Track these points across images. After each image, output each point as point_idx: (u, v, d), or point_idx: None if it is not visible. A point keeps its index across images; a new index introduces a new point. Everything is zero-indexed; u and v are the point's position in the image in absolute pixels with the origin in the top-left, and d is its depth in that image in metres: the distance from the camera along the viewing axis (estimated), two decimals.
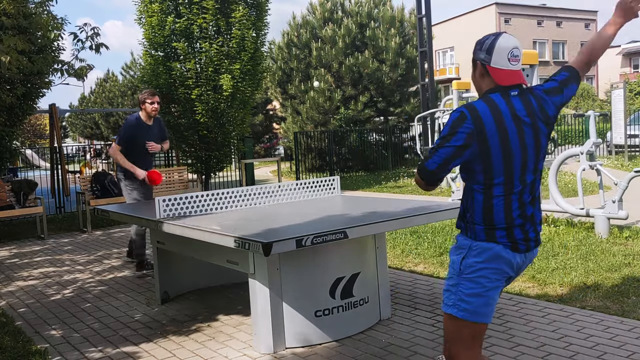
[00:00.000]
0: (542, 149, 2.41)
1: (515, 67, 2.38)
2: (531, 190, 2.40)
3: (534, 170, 2.40)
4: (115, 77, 39.03)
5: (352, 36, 18.76)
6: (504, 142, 2.30)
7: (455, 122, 2.31)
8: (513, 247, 2.36)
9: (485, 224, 2.36)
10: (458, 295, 2.38)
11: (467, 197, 2.44)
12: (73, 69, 7.44)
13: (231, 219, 4.08)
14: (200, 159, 10.90)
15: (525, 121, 2.35)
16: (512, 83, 2.37)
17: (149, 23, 10.21)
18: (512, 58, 2.37)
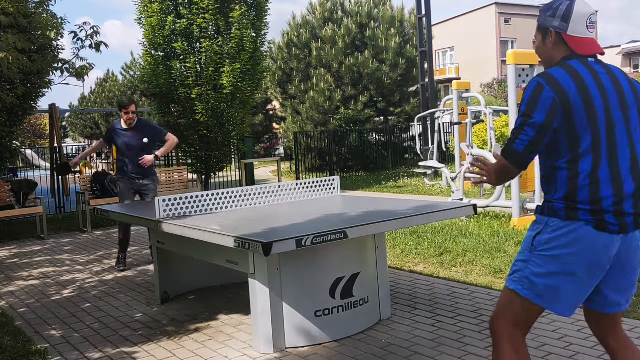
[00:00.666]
0: (632, 121, 2.19)
1: (592, 34, 2.22)
2: (632, 164, 2.16)
3: (630, 145, 2.17)
4: (115, 77, 39.03)
5: (352, 36, 18.77)
6: (590, 114, 2.11)
7: (533, 93, 2.13)
8: (599, 225, 2.11)
9: (567, 200, 2.15)
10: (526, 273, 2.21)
11: (549, 176, 2.22)
12: (73, 68, 7.44)
13: (231, 219, 4.08)
14: (200, 159, 10.90)
15: (611, 89, 2.16)
16: (593, 52, 2.21)
17: (149, 23, 10.22)
18: (590, 25, 2.20)
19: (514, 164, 2.21)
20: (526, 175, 7.40)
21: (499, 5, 45.76)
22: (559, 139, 2.14)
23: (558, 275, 2.15)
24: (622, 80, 2.20)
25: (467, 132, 9.21)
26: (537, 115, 2.12)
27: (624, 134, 2.16)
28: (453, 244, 6.38)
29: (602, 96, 2.13)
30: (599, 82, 2.15)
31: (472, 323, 3.98)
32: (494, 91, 36.79)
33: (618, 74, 2.22)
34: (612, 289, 2.25)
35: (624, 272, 2.22)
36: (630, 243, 2.18)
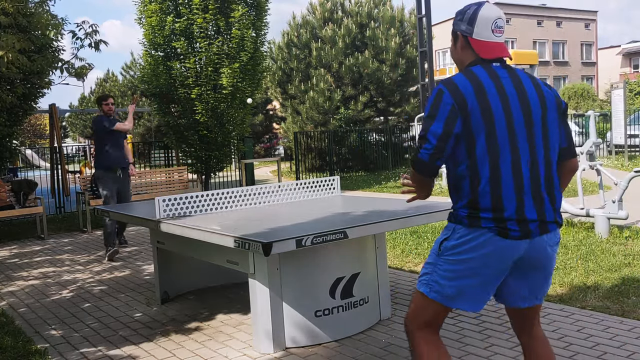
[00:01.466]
0: (534, 127, 2.16)
1: (499, 38, 2.23)
2: (531, 170, 2.15)
3: (531, 148, 2.15)
4: (115, 77, 39.02)
5: (352, 36, 18.76)
6: (487, 118, 2.10)
7: (434, 100, 2.14)
8: (502, 232, 2.13)
9: (470, 208, 2.17)
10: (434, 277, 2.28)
11: (454, 183, 2.25)
12: (73, 68, 7.44)
13: (231, 219, 4.08)
14: (200, 159, 10.90)
15: (513, 93, 2.16)
16: (496, 56, 2.22)
17: (149, 23, 10.22)
18: (496, 29, 2.21)
19: (423, 174, 2.22)
20: None
21: (499, 5, 45.69)
22: (460, 144, 2.15)
23: (462, 279, 2.21)
24: (527, 85, 2.20)
25: None
26: (437, 123, 2.12)
27: (524, 139, 2.14)
28: None
29: (501, 100, 2.13)
30: (499, 86, 2.15)
31: (472, 323, 3.98)
32: None
33: (523, 78, 2.22)
34: (523, 286, 2.29)
35: (534, 271, 2.27)
36: (537, 245, 2.20)
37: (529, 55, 7.42)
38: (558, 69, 48.62)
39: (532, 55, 7.70)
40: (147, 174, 10.59)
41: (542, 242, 2.20)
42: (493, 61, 2.23)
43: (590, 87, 40.61)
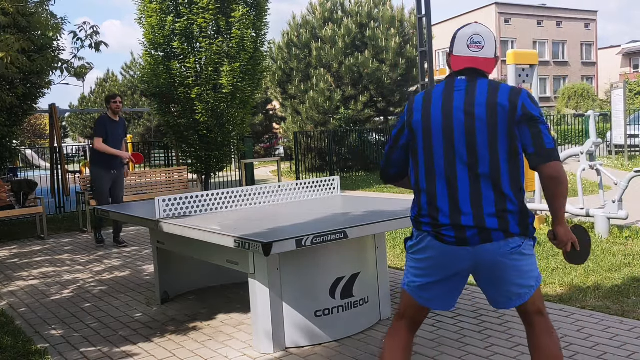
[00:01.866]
0: (478, 137, 2.23)
1: (475, 53, 2.32)
2: (469, 181, 2.25)
3: (468, 161, 2.24)
4: (115, 77, 39.02)
5: (352, 36, 18.76)
6: (425, 129, 2.32)
7: (402, 112, 2.46)
8: (438, 237, 2.30)
9: (416, 212, 2.43)
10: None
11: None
12: (73, 68, 7.44)
13: (231, 219, 4.08)
14: (200, 159, 10.90)
15: (460, 107, 2.25)
16: (463, 67, 2.32)
17: (149, 23, 10.21)
18: (472, 44, 2.31)
19: (383, 179, 2.67)
20: (526, 175, 7.39)
21: (499, 5, 45.75)
22: (408, 154, 2.44)
23: (422, 277, 2.39)
24: (480, 97, 2.24)
25: None
26: (392, 132, 2.49)
27: (463, 150, 2.24)
28: None
29: (443, 114, 2.27)
30: (447, 100, 2.28)
31: (472, 323, 3.98)
32: None
33: (481, 90, 2.25)
34: (493, 291, 2.39)
35: (495, 280, 2.34)
36: (483, 253, 2.26)
37: (529, 55, 7.38)
38: (558, 69, 48.62)
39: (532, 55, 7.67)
40: (147, 174, 10.58)
41: (490, 252, 2.25)
42: (460, 73, 2.33)
43: (590, 87, 40.65)
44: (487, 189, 2.23)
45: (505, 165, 2.24)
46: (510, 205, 2.24)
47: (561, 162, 2.25)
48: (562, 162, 2.27)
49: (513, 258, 2.27)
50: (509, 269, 2.28)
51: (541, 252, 5.80)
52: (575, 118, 20.09)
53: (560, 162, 2.24)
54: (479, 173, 2.24)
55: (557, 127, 21.10)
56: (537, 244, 6.13)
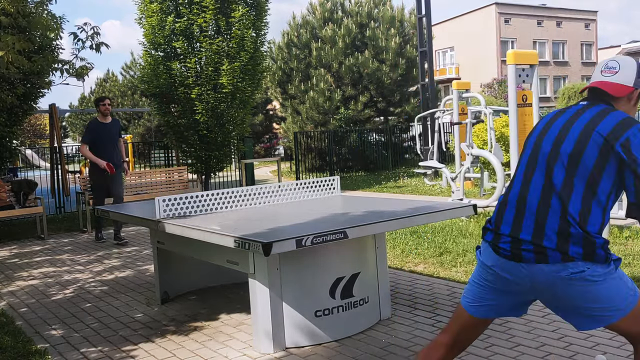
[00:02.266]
0: (556, 155, 2.18)
1: (606, 78, 2.26)
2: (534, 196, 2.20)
3: (544, 180, 2.19)
4: (115, 77, 39.04)
5: (352, 36, 18.77)
6: (526, 143, 2.40)
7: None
8: (495, 248, 2.23)
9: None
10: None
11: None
12: (73, 68, 7.44)
13: (231, 219, 4.08)
14: (200, 159, 10.90)
15: (557, 126, 2.24)
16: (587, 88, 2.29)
17: (149, 23, 10.22)
18: (605, 70, 2.27)
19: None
20: None
21: (499, 5, 45.76)
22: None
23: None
24: (578, 120, 2.17)
25: (467, 132, 9.21)
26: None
27: (542, 171, 2.20)
28: (453, 244, 6.38)
29: (541, 132, 2.28)
30: (552, 120, 2.28)
31: None
32: (494, 91, 36.82)
33: (582, 116, 2.18)
34: (567, 315, 2.24)
35: (559, 308, 2.23)
36: (541, 276, 2.14)
37: (529, 55, 7.39)
38: (558, 69, 48.64)
39: (532, 55, 7.68)
40: (147, 174, 10.58)
41: (546, 274, 2.13)
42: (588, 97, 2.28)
43: None
44: (551, 205, 2.17)
45: (575, 183, 2.16)
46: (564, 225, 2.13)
47: None
48: None
49: (571, 283, 2.11)
50: (569, 294, 2.15)
51: None
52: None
53: None
54: (545, 192, 2.20)
55: None
56: None
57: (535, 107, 7.37)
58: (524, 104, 7.37)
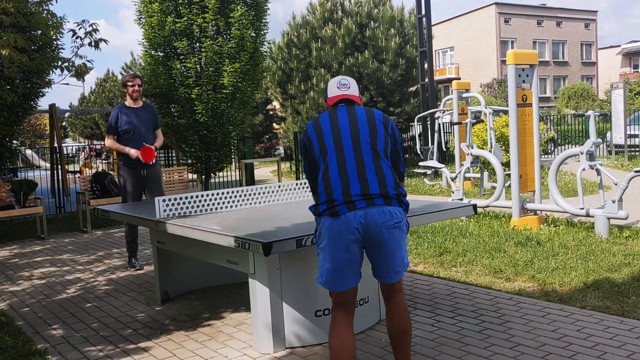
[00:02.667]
0: (362, 134, 2.94)
1: (344, 91, 3.08)
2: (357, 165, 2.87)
3: (356, 150, 2.89)
4: (115, 77, 39.04)
5: (352, 36, 18.76)
6: (320, 139, 2.99)
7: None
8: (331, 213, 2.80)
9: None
10: None
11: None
12: (73, 67, 7.43)
13: (231, 219, 4.08)
14: (200, 159, 10.91)
15: (345, 122, 2.96)
16: (337, 100, 3.07)
17: (149, 23, 10.21)
18: (341, 86, 3.09)
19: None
20: (526, 175, 7.41)
21: (499, 5, 45.76)
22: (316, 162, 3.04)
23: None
24: (360, 115, 2.98)
25: (467, 132, 9.21)
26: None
27: (350, 153, 2.88)
28: (453, 244, 6.38)
29: (332, 128, 2.96)
30: (333, 119, 2.99)
31: (472, 323, 3.99)
32: (493, 91, 36.82)
33: (358, 112, 3.01)
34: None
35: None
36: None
37: (528, 55, 7.39)
38: (558, 68, 48.65)
39: (532, 55, 7.67)
40: None
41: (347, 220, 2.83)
42: (338, 103, 3.08)
43: (590, 87, 40.65)
44: (368, 168, 2.96)
45: (381, 152, 2.99)
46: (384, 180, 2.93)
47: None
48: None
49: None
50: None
51: (541, 251, 5.80)
52: (575, 118, 20.09)
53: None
54: (363, 159, 2.95)
55: (557, 127, 21.11)
56: (537, 243, 6.14)
57: (535, 107, 7.37)
58: (524, 104, 7.38)
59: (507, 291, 4.69)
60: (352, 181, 2.81)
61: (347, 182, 2.81)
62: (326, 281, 2.87)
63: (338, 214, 2.76)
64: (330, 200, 2.80)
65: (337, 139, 2.91)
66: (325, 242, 2.81)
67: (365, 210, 2.76)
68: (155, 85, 10.37)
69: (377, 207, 2.78)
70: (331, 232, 2.78)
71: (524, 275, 5.07)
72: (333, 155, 2.89)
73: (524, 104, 7.38)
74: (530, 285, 4.81)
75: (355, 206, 2.76)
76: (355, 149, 2.88)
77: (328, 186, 2.84)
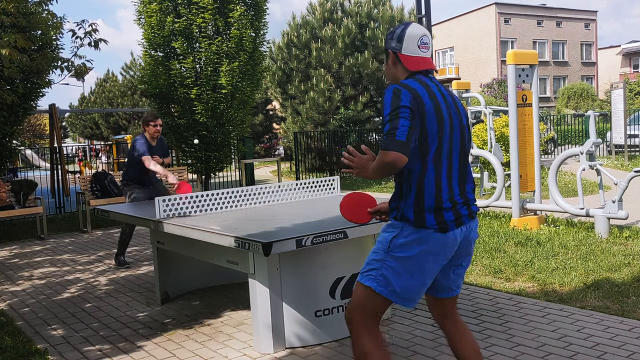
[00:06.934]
0: (466, 129, 2.46)
1: (425, 54, 2.44)
2: (461, 171, 2.43)
3: (461, 151, 2.43)
4: (115, 77, 39.02)
5: (352, 36, 18.76)
6: (438, 117, 2.33)
7: (393, 96, 2.28)
8: (441, 228, 2.34)
9: (416, 205, 2.35)
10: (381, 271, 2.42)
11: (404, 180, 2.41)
12: (73, 67, 7.42)
13: (231, 219, 4.08)
14: (200, 159, 10.90)
15: (449, 101, 2.42)
16: (422, 68, 2.43)
17: (149, 23, 10.21)
18: (422, 45, 2.44)
19: (402, 151, 2.24)
20: (526, 175, 7.40)
21: (499, 5, 45.75)
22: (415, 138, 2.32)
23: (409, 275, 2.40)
24: (448, 95, 2.44)
25: None
26: (403, 105, 2.26)
27: (457, 142, 2.41)
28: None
29: (445, 105, 2.38)
30: (441, 93, 2.40)
31: (472, 323, 3.98)
32: (493, 91, 36.80)
33: (443, 90, 2.45)
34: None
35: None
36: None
37: (528, 55, 7.39)
38: (558, 69, 48.64)
39: (532, 55, 7.67)
40: None
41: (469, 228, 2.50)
42: (420, 73, 2.43)
43: (590, 87, 40.64)
44: (462, 172, 2.51)
45: (469, 150, 2.55)
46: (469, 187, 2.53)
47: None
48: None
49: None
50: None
51: (541, 252, 5.80)
52: (575, 118, 20.08)
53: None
54: (463, 165, 2.52)
55: (557, 127, 21.10)
56: (537, 243, 6.13)
57: (535, 107, 7.37)
58: (523, 104, 7.37)
59: (507, 291, 4.69)
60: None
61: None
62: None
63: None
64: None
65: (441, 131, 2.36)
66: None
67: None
68: (155, 86, 10.37)
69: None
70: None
71: (524, 275, 5.06)
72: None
73: (524, 104, 7.38)
74: (530, 285, 4.81)
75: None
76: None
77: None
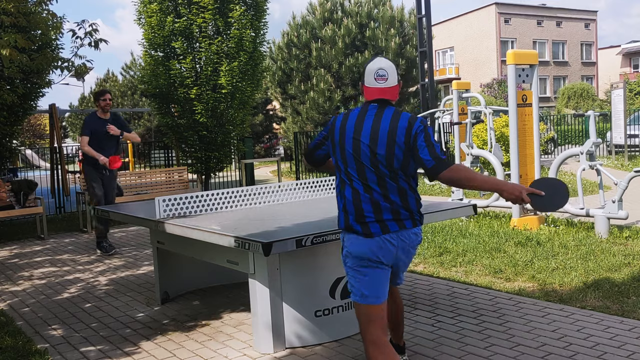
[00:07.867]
0: (364, 157, 2.67)
1: (381, 84, 2.71)
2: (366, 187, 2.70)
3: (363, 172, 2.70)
4: (115, 77, 39.02)
5: (352, 36, 18.76)
6: (340, 141, 2.75)
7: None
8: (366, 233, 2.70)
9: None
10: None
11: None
12: (73, 67, 7.42)
13: (231, 219, 4.08)
14: (200, 159, 10.90)
15: (368, 127, 2.67)
16: (373, 98, 2.72)
17: (149, 23, 10.21)
18: (378, 77, 2.71)
19: (304, 156, 3.06)
20: (526, 175, 7.40)
21: (499, 5, 45.74)
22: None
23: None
24: (385, 122, 2.65)
25: (467, 132, 9.21)
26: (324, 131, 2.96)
27: (366, 163, 2.66)
28: (453, 244, 6.38)
29: (355, 131, 2.69)
30: (359, 121, 2.70)
31: (472, 323, 3.99)
32: (493, 91, 36.81)
33: (386, 117, 2.67)
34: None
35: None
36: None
37: (528, 55, 7.39)
38: (558, 69, 48.63)
39: (532, 55, 7.67)
40: (147, 174, 10.58)
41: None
42: (372, 102, 2.73)
43: (590, 87, 40.64)
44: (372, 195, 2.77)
45: (392, 174, 2.73)
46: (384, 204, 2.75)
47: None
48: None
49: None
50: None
51: (541, 252, 5.80)
52: (575, 118, 20.08)
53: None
54: (383, 182, 2.76)
55: (557, 127, 21.10)
56: (537, 243, 6.13)
57: (535, 107, 7.37)
58: (523, 104, 7.38)
59: (507, 291, 4.69)
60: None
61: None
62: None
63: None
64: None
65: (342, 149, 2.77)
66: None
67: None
68: (155, 86, 10.36)
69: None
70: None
71: (524, 275, 5.06)
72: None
73: (524, 104, 7.38)
74: (530, 285, 4.81)
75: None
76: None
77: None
